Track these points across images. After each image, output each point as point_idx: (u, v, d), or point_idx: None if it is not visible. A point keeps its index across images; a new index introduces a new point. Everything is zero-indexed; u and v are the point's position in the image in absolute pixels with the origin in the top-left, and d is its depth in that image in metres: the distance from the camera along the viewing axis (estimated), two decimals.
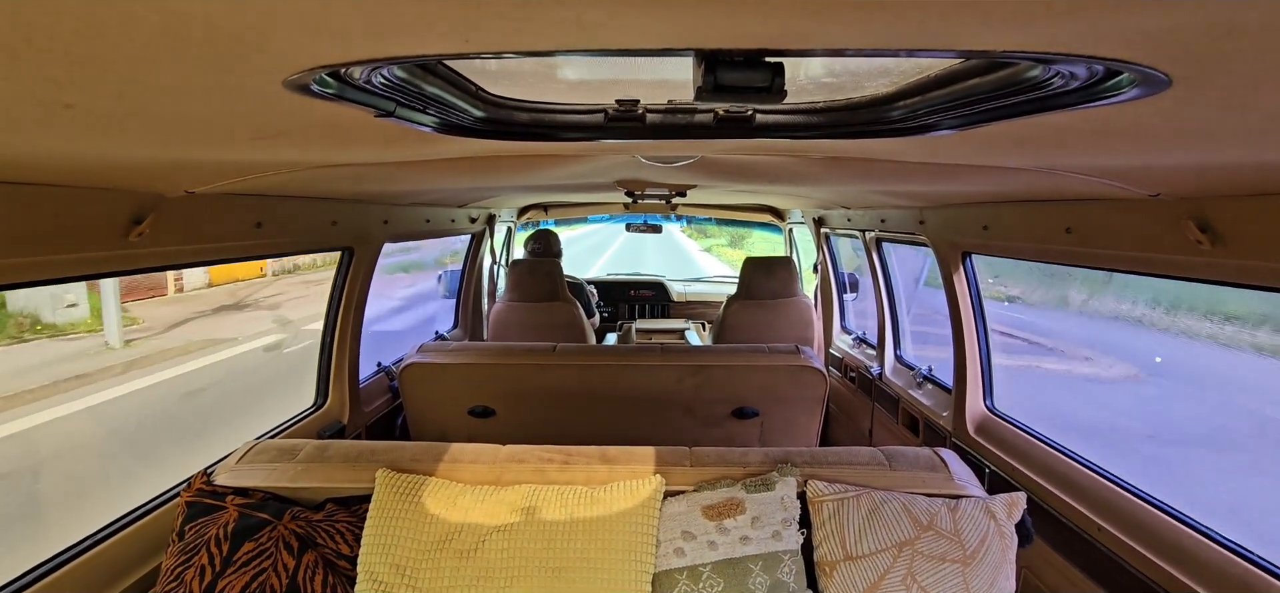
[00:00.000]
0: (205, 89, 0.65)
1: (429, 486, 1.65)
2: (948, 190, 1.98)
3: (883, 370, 3.43)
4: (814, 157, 1.42)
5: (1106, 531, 1.72)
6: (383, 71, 0.73)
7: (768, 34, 0.53)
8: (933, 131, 0.97)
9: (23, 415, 5.84)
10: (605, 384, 2.68)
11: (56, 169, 1.10)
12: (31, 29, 0.45)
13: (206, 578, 1.51)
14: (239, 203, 1.75)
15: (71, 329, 8.23)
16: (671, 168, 1.87)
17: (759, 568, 1.55)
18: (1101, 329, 7.15)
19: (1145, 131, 0.83)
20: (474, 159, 1.46)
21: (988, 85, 0.79)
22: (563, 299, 3.90)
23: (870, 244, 3.49)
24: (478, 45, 0.56)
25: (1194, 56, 0.52)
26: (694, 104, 0.98)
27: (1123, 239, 1.56)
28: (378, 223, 2.65)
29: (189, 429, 6.22)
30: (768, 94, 0.65)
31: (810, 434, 2.75)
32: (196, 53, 0.53)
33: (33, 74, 0.56)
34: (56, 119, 0.73)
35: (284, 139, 1.01)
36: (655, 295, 6.09)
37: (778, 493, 1.63)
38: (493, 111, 1.04)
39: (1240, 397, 5.48)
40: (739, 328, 3.90)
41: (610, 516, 1.58)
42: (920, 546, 1.54)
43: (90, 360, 7.55)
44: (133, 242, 1.45)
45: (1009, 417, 2.37)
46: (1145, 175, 1.22)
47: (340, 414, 2.72)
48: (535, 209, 5.07)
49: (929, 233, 2.60)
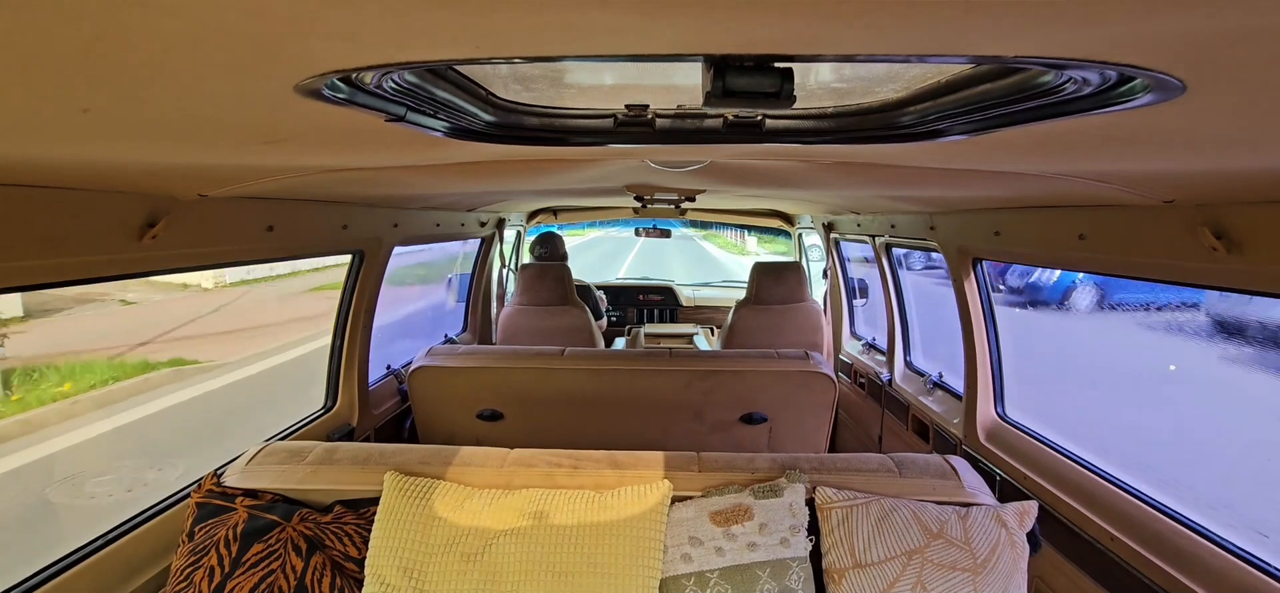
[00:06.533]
0: (219, 94, 0.66)
1: (437, 489, 1.66)
2: (958, 195, 1.96)
3: (893, 377, 3.41)
4: (823, 162, 1.41)
5: (1119, 540, 1.70)
6: (394, 76, 0.73)
7: (777, 39, 0.53)
8: (943, 137, 0.96)
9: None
10: (613, 389, 2.68)
11: (73, 173, 1.11)
12: (51, 37, 0.46)
13: (216, 579, 1.52)
14: (251, 206, 1.76)
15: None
16: (681, 172, 1.87)
17: (767, 575, 1.54)
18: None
19: (1158, 138, 0.82)
20: (484, 163, 1.47)
21: (999, 91, 0.79)
22: (572, 303, 3.91)
23: (880, 249, 3.47)
24: (488, 50, 0.56)
25: (1208, 62, 0.51)
26: (703, 109, 0.98)
27: (1136, 245, 1.54)
28: (388, 226, 2.66)
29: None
30: (777, 99, 0.65)
31: (819, 441, 2.74)
32: (210, 59, 0.54)
33: (51, 81, 0.57)
34: (74, 124, 0.74)
35: (296, 143, 1.02)
36: (664, 300, 6.09)
37: (786, 499, 1.62)
38: (503, 116, 1.05)
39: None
40: (748, 333, 3.89)
41: (618, 521, 1.58)
42: (930, 554, 1.53)
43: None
44: (146, 244, 1.46)
45: (1020, 424, 2.34)
46: (1158, 181, 1.21)
47: (349, 416, 2.73)
48: (544, 213, 5.08)
49: (939, 238, 2.59)
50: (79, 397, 5.98)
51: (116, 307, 8.87)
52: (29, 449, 4.93)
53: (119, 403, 6.08)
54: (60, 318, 7.71)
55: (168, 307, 9.75)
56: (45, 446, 5.04)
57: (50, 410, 5.61)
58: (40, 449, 4.96)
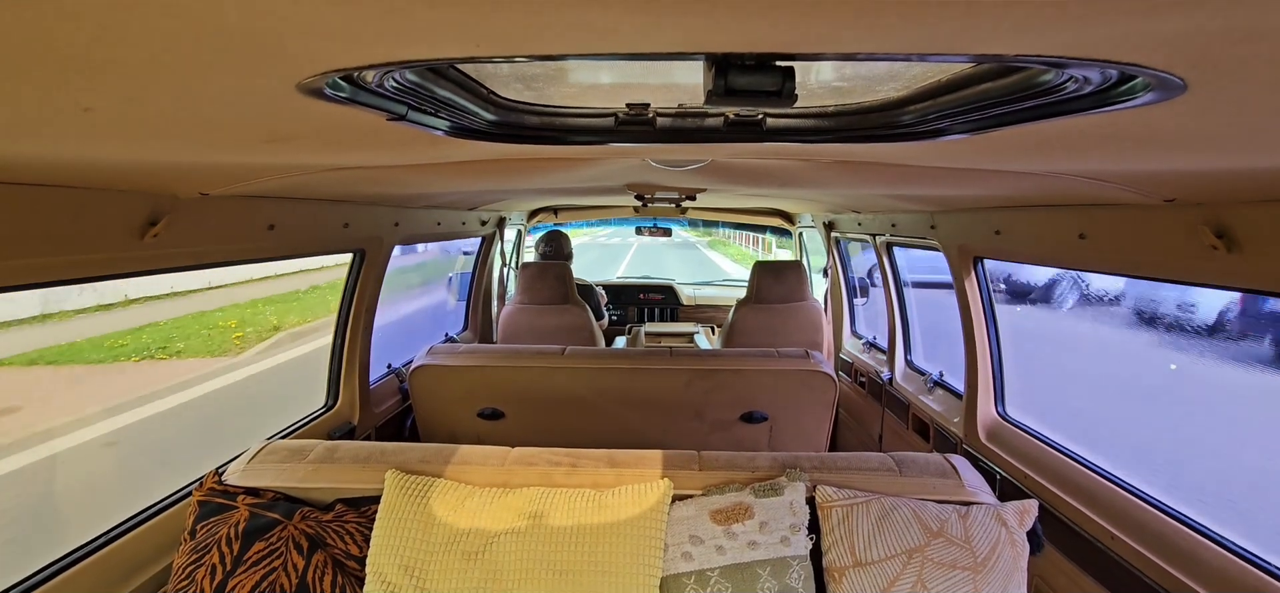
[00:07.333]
0: (219, 93, 0.66)
1: (438, 487, 1.66)
2: (959, 194, 1.96)
3: (893, 376, 3.41)
4: (824, 160, 1.41)
5: (1119, 539, 1.70)
6: (395, 75, 0.73)
7: (778, 38, 0.53)
8: (944, 136, 0.96)
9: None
10: (614, 387, 2.68)
11: (74, 172, 1.11)
12: (52, 36, 0.46)
13: (217, 577, 1.52)
14: (252, 205, 1.77)
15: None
16: (682, 171, 1.87)
17: (767, 573, 1.54)
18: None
19: (1159, 137, 0.82)
20: (485, 162, 1.47)
21: (1000, 90, 0.79)
22: (572, 302, 3.91)
23: (881, 248, 3.47)
24: (489, 49, 0.56)
25: (1209, 61, 0.51)
26: (704, 108, 0.98)
27: (1137, 244, 1.54)
28: (389, 225, 2.67)
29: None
30: (778, 98, 0.65)
31: (819, 439, 2.74)
32: (211, 58, 0.54)
33: (53, 79, 0.57)
34: (75, 123, 0.74)
35: (297, 142, 1.02)
36: (665, 299, 6.09)
37: (786, 498, 1.62)
38: (504, 115, 1.05)
39: None
40: (748, 332, 3.88)
41: (619, 519, 1.58)
42: (930, 552, 1.53)
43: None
44: (148, 243, 1.46)
45: (1021, 423, 2.34)
46: (1159, 180, 1.21)
47: (350, 415, 2.74)
48: (545, 211, 5.08)
49: (940, 237, 2.59)
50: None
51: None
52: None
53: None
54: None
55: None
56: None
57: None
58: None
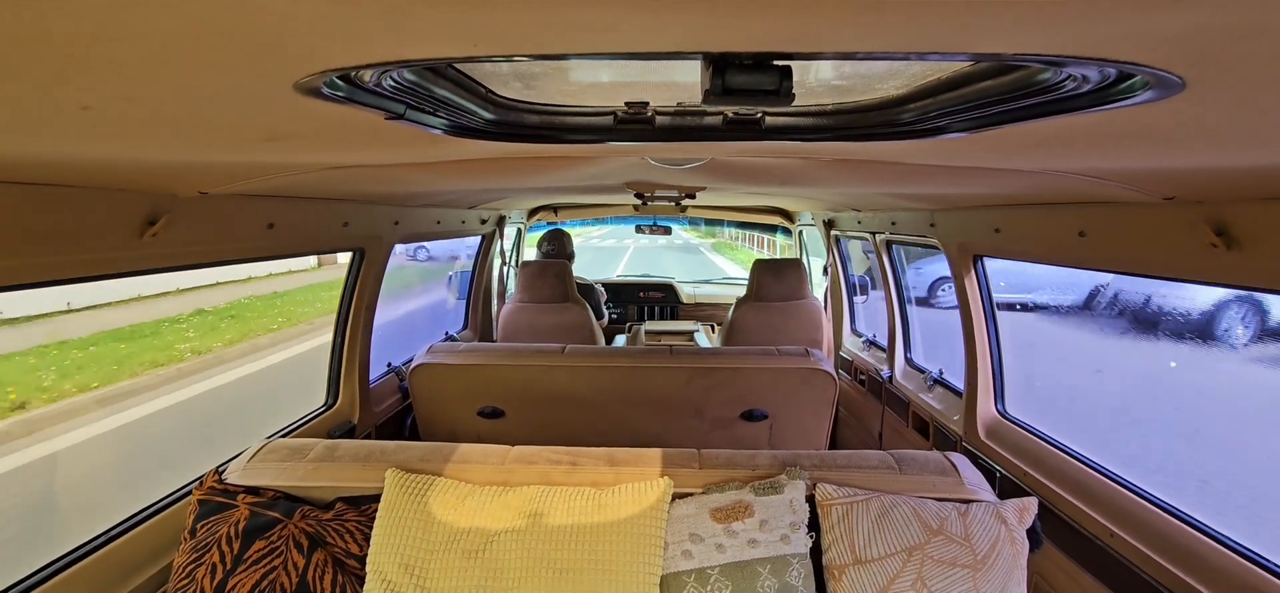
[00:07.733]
0: (218, 92, 0.66)
1: (438, 486, 1.66)
2: (959, 193, 1.96)
3: (893, 374, 3.41)
4: (824, 159, 1.41)
5: (1119, 536, 1.70)
6: (393, 74, 0.73)
7: (776, 37, 0.53)
8: (943, 134, 0.96)
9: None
10: (614, 386, 2.68)
11: (73, 170, 1.11)
12: (51, 35, 0.46)
13: (217, 576, 1.52)
14: (251, 204, 1.76)
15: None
16: (681, 170, 1.87)
17: (767, 571, 1.54)
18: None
19: (1158, 135, 0.82)
20: (484, 161, 1.47)
21: (999, 88, 0.79)
22: (572, 301, 3.91)
23: (881, 246, 3.47)
24: (487, 48, 0.56)
25: (1208, 59, 0.51)
26: (703, 107, 0.98)
27: (1136, 242, 1.54)
28: (388, 224, 2.66)
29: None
30: (776, 97, 0.65)
31: (819, 437, 2.74)
32: (209, 57, 0.54)
33: (52, 78, 0.57)
34: (74, 122, 0.74)
35: (295, 141, 1.02)
36: (665, 297, 6.09)
37: (786, 496, 1.62)
38: (502, 114, 1.05)
39: None
40: (748, 330, 3.88)
41: (619, 518, 1.58)
42: (930, 550, 1.53)
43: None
44: (147, 242, 1.46)
45: (1021, 421, 2.35)
46: (1158, 178, 1.21)
47: (350, 414, 2.74)
48: (545, 210, 5.08)
49: (940, 235, 2.59)
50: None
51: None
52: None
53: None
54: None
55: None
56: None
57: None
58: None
